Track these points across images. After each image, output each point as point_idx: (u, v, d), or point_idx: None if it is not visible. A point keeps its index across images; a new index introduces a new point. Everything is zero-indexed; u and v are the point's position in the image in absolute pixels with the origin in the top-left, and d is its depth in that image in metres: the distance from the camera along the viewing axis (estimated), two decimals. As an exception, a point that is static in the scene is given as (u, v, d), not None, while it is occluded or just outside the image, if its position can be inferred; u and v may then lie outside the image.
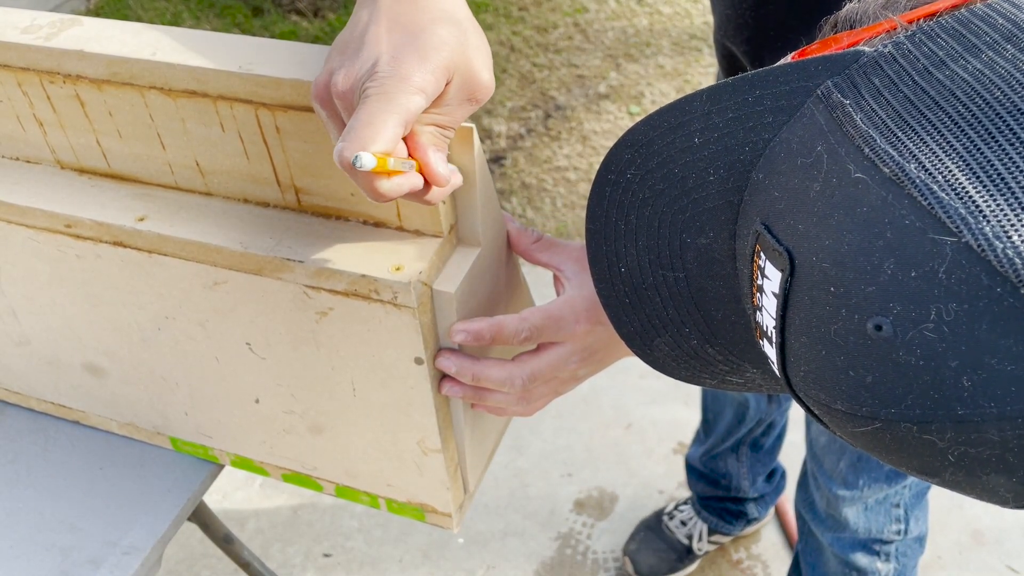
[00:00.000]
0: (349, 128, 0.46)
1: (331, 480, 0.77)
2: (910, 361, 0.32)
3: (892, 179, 0.32)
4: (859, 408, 0.35)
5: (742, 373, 0.47)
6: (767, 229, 0.37)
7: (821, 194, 0.35)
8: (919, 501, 1.13)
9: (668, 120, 0.43)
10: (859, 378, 0.34)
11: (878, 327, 0.32)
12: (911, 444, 0.34)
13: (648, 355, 0.48)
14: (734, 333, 0.44)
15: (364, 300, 0.59)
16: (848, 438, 0.38)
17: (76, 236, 0.66)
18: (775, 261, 0.37)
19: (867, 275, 0.33)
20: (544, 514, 1.60)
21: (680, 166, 0.43)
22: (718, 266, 0.43)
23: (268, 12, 3.00)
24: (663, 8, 2.93)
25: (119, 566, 0.75)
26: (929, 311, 0.31)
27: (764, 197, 0.39)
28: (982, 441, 0.32)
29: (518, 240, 0.66)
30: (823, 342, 0.35)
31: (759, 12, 0.73)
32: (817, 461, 1.13)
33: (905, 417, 0.33)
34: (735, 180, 0.41)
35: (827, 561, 1.21)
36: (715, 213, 0.42)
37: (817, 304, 0.35)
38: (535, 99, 2.57)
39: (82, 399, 0.83)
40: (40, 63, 0.61)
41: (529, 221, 2.18)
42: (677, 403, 1.74)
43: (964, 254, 0.30)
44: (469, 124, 0.54)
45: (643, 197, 0.44)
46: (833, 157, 0.35)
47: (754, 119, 0.40)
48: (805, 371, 0.37)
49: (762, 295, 0.38)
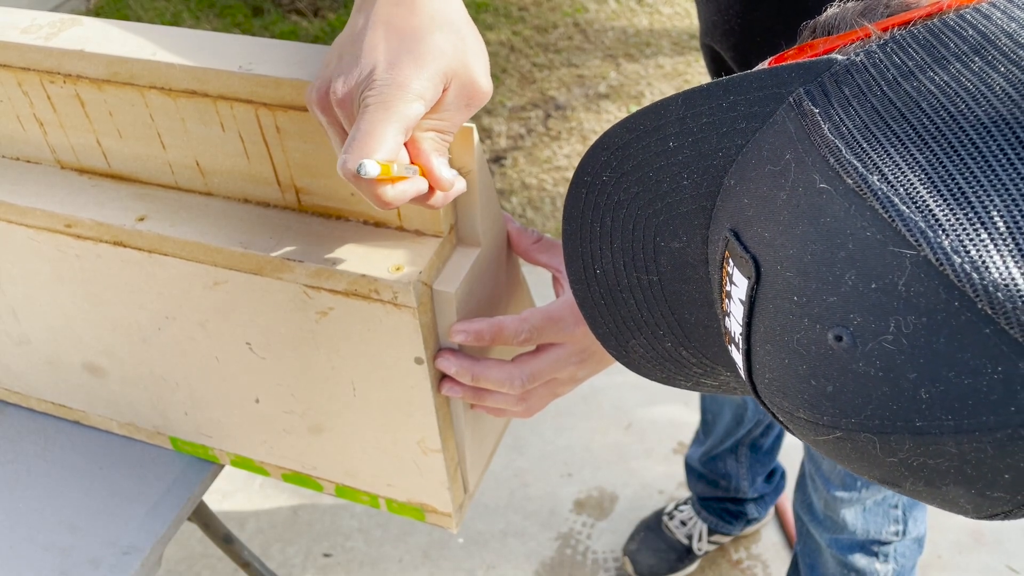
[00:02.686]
0: (351, 139, 0.46)
1: (331, 480, 0.77)
2: (869, 372, 0.32)
3: (855, 190, 0.32)
4: (820, 417, 0.35)
5: (716, 376, 0.47)
6: (735, 236, 0.38)
7: (787, 203, 0.35)
8: (917, 502, 1.13)
9: (644, 123, 0.43)
10: (820, 387, 0.34)
11: (838, 337, 0.33)
12: (871, 454, 0.34)
13: (623, 356, 0.48)
14: (707, 337, 0.44)
15: (364, 300, 0.59)
16: (812, 446, 0.38)
17: (76, 236, 0.66)
18: (742, 268, 0.37)
19: (829, 285, 0.33)
20: (544, 514, 1.60)
21: (655, 170, 0.43)
22: (691, 270, 0.43)
23: (268, 12, 3.00)
24: (663, 8, 2.93)
25: (119, 566, 0.75)
26: (888, 323, 0.31)
27: (734, 203, 0.39)
28: (940, 453, 0.32)
29: (518, 240, 0.66)
30: (786, 351, 0.35)
31: (745, 19, 0.73)
32: (815, 463, 1.13)
33: (865, 427, 0.33)
34: (708, 185, 0.41)
35: (826, 562, 1.21)
36: (688, 218, 0.42)
37: (781, 313, 0.35)
38: (535, 99, 2.57)
39: (82, 399, 0.83)
40: (40, 63, 0.61)
41: (529, 221, 2.18)
42: (677, 403, 1.74)
43: (923, 267, 0.30)
44: (469, 124, 0.54)
45: (618, 199, 0.45)
46: (800, 166, 0.35)
47: (727, 125, 0.40)
48: (769, 379, 0.37)
49: (730, 301, 0.39)
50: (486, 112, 2.52)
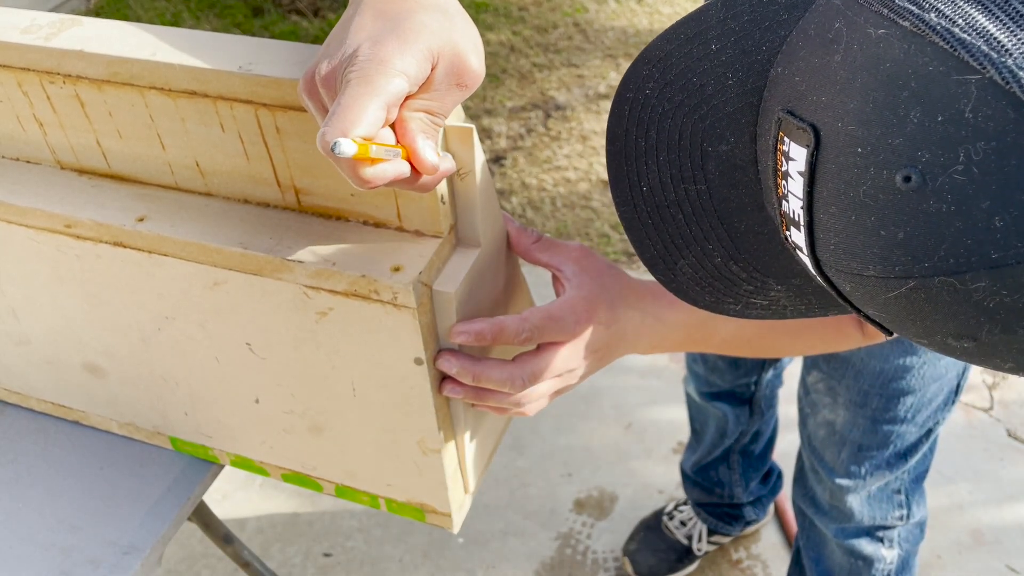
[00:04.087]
0: (331, 113, 0.45)
1: (331, 480, 0.77)
2: (941, 209, 0.32)
3: (913, 31, 0.33)
4: (892, 269, 0.35)
5: (766, 292, 0.47)
6: (789, 113, 0.38)
7: (843, 62, 0.35)
8: (918, 486, 1.14)
9: (684, 32, 0.43)
10: (890, 236, 0.34)
11: (907, 178, 0.33)
12: (946, 302, 0.34)
13: (671, 280, 0.48)
14: (758, 245, 0.44)
15: (364, 300, 0.59)
16: (880, 309, 0.38)
17: (76, 236, 0.66)
18: (799, 139, 0.37)
19: (894, 128, 0.33)
20: (544, 514, 1.60)
21: (698, 75, 0.43)
22: (740, 172, 0.43)
23: (268, 12, 3.00)
24: (663, 8, 2.93)
25: (119, 566, 0.75)
26: (958, 153, 0.31)
27: (784, 86, 0.39)
28: (1018, 286, 0.32)
29: (518, 240, 0.66)
30: (852, 207, 0.35)
31: None
32: (817, 455, 1.13)
33: (939, 270, 0.33)
34: (754, 80, 0.41)
35: (831, 553, 1.21)
36: (735, 117, 0.42)
37: (844, 169, 0.35)
38: (535, 99, 2.57)
39: (82, 399, 0.83)
40: (40, 63, 0.61)
41: (529, 221, 2.18)
42: (677, 403, 1.74)
43: (990, 90, 0.30)
44: (469, 124, 0.54)
45: (663, 111, 0.44)
46: (852, 27, 0.35)
47: (769, 18, 0.40)
48: (835, 243, 0.37)
49: (787, 181, 0.39)
50: (486, 112, 2.52)
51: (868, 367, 0.99)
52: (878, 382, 0.99)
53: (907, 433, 1.04)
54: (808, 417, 1.12)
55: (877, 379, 0.99)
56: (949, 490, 1.60)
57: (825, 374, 1.05)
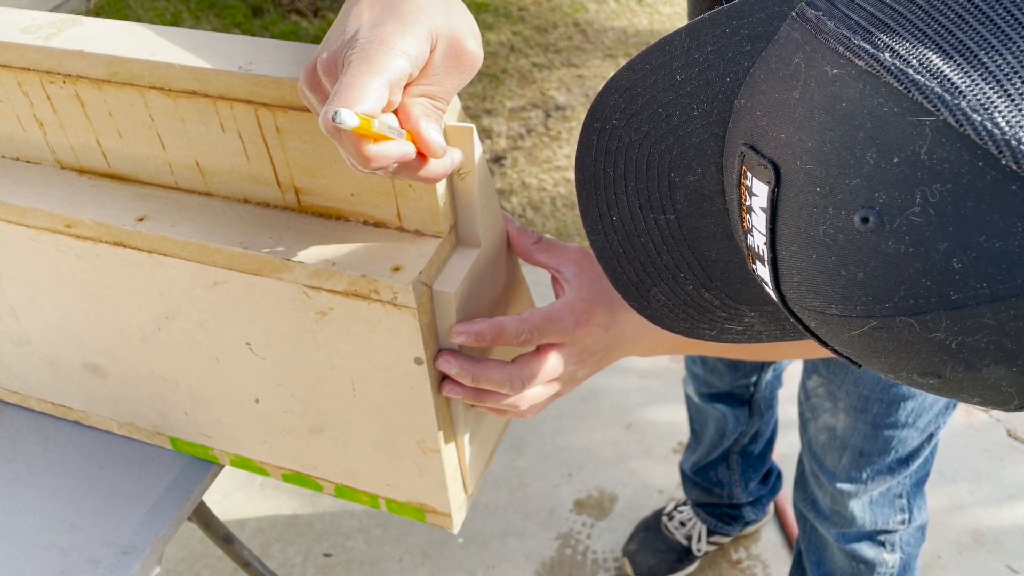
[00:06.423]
0: (333, 94, 0.45)
1: (331, 480, 0.77)
2: (899, 250, 0.32)
3: (868, 71, 0.32)
4: (854, 308, 0.35)
5: (740, 319, 0.47)
6: (751, 148, 0.38)
7: (801, 100, 0.35)
8: (919, 490, 1.14)
9: (650, 61, 0.43)
10: (851, 276, 0.34)
11: (865, 219, 0.33)
12: (908, 341, 0.34)
13: (645, 307, 0.48)
14: (729, 273, 0.44)
15: (364, 300, 0.59)
16: (846, 347, 0.38)
17: (76, 236, 0.66)
18: (761, 176, 0.37)
19: (851, 168, 0.33)
20: (544, 514, 1.60)
21: (664, 105, 0.43)
22: (708, 202, 0.43)
23: (268, 12, 3.00)
24: (663, 8, 2.93)
25: (119, 566, 0.75)
26: (914, 195, 0.31)
27: (747, 120, 0.39)
28: (978, 327, 0.32)
29: (518, 241, 0.66)
30: (813, 245, 0.35)
31: None
32: (818, 460, 1.13)
33: (900, 310, 0.33)
34: (718, 111, 0.41)
35: (833, 556, 1.21)
36: (701, 148, 0.42)
37: (804, 208, 0.35)
38: (535, 99, 2.57)
39: (82, 399, 0.83)
40: (40, 63, 0.61)
41: (529, 221, 2.18)
42: (677, 403, 1.74)
43: (944, 132, 0.30)
44: (469, 124, 0.54)
45: (630, 140, 0.44)
46: (810, 63, 0.35)
47: (733, 49, 0.40)
48: (798, 280, 0.37)
49: (751, 215, 0.38)
50: (486, 112, 2.52)
51: (868, 372, 0.99)
52: (878, 387, 0.99)
53: (908, 438, 1.04)
54: (809, 422, 1.12)
55: (877, 384, 0.99)
56: (949, 490, 1.60)
57: (825, 379, 1.05)
